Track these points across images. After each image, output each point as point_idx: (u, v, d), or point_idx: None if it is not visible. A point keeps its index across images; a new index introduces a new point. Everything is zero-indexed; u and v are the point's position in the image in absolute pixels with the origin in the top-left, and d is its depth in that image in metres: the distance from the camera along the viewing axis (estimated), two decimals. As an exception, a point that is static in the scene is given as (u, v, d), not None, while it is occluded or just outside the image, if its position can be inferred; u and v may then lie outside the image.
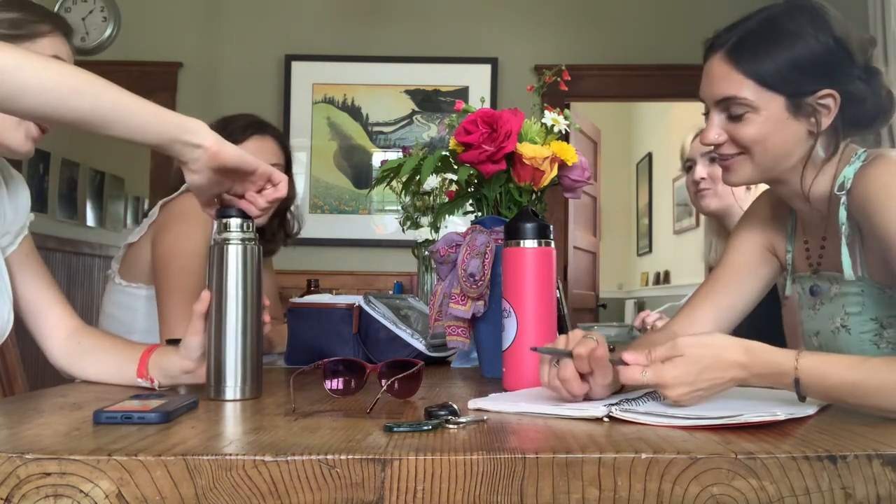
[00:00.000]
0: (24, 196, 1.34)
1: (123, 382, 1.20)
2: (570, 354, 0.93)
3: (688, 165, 2.17)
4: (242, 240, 1.04)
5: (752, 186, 1.99)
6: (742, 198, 2.03)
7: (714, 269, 1.36)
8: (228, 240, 1.04)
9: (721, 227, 2.17)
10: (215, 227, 1.06)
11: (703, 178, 2.09)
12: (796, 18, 1.12)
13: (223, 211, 1.06)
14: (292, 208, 2.05)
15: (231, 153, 1.02)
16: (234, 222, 1.04)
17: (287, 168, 1.95)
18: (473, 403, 0.92)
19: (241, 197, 1.08)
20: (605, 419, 0.84)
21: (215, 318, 1.04)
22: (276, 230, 2.01)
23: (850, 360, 0.91)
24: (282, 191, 1.08)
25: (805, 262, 1.26)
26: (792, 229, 1.29)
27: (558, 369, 0.95)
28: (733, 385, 0.92)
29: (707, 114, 1.21)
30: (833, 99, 1.10)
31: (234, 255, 1.03)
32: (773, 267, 1.32)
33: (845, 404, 0.90)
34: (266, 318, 1.11)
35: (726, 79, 1.14)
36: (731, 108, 1.14)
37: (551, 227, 1.15)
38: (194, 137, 1.00)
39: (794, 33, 1.11)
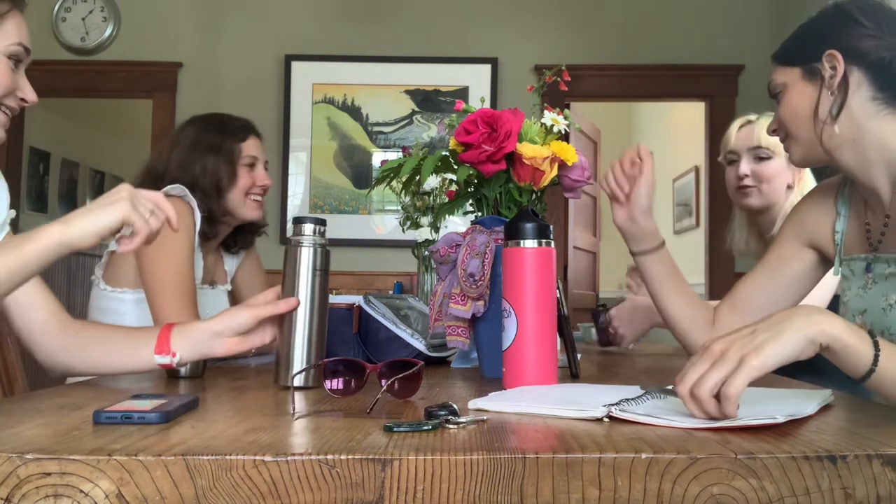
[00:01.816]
0: (2, 191, 1.33)
1: (136, 367, 1.20)
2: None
3: (730, 158, 2.08)
4: (313, 244, 1.17)
5: (795, 186, 1.99)
6: (784, 198, 2.00)
7: (753, 267, 1.46)
8: (301, 242, 1.16)
9: (752, 222, 2.11)
10: (291, 230, 1.19)
11: (746, 175, 2.01)
12: (825, 10, 1.24)
13: (298, 217, 1.19)
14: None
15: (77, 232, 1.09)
16: (308, 227, 1.17)
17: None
18: (473, 403, 0.92)
19: None
20: (605, 419, 0.84)
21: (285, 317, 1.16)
22: (253, 224, 2.04)
23: None
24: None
25: (864, 243, 1.29)
26: (846, 213, 1.33)
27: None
28: (804, 332, 0.84)
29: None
30: (836, 59, 1.18)
31: (305, 256, 1.16)
32: (806, 262, 1.39)
33: None
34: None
35: (774, 74, 1.29)
36: (773, 92, 1.28)
37: (551, 226, 1.15)
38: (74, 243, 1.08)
39: (808, 18, 1.26)
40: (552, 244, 1.14)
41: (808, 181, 2.02)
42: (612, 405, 0.87)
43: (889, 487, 0.68)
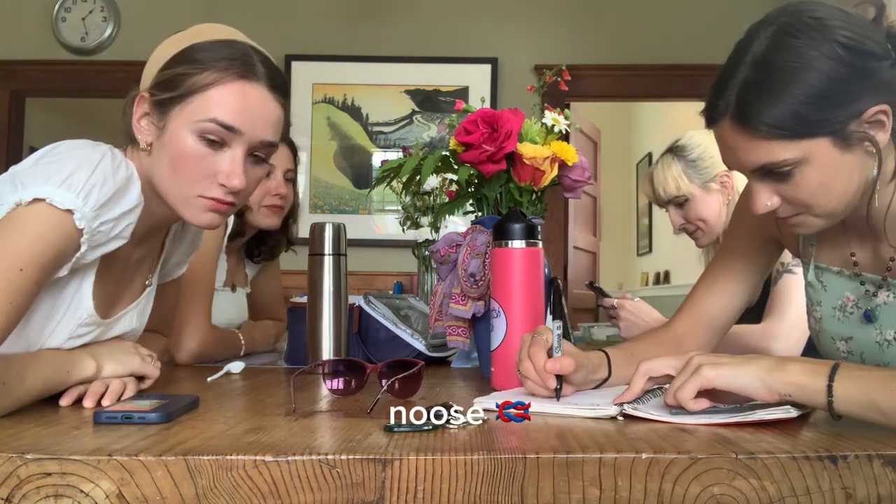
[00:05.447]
0: None
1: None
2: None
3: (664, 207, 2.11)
4: (331, 254, 1.38)
5: (734, 187, 1.97)
6: (731, 207, 1.99)
7: (712, 262, 1.29)
8: (323, 254, 1.37)
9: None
10: (313, 243, 1.38)
11: (682, 224, 2.04)
12: (788, 45, 0.95)
13: (316, 225, 1.39)
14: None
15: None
16: (329, 242, 1.38)
17: (294, 172, 1.97)
18: (479, 403, 0.92)
19: None
20: (619, 417, 0.85)
21: (310, 315, 1.37)
22: (279, 236, 2.02)
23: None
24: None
25: (842, 260, 1.14)
26: None
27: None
28: (759, 373, 0.85)
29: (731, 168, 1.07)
30: (884, 113, 0.93)
31: (327, 265, 1.37)
32: (772, 253, 1.27)
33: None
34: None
35: (751, 149, 0.97)
36: (774, 171, 0.97)
37: (539, 227, 1.15)
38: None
39: (796, 66, 0.93)
40: (539, 244, 1.15)
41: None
42: (625, 403, 0.88)
43: (889, 487, 0.68)
